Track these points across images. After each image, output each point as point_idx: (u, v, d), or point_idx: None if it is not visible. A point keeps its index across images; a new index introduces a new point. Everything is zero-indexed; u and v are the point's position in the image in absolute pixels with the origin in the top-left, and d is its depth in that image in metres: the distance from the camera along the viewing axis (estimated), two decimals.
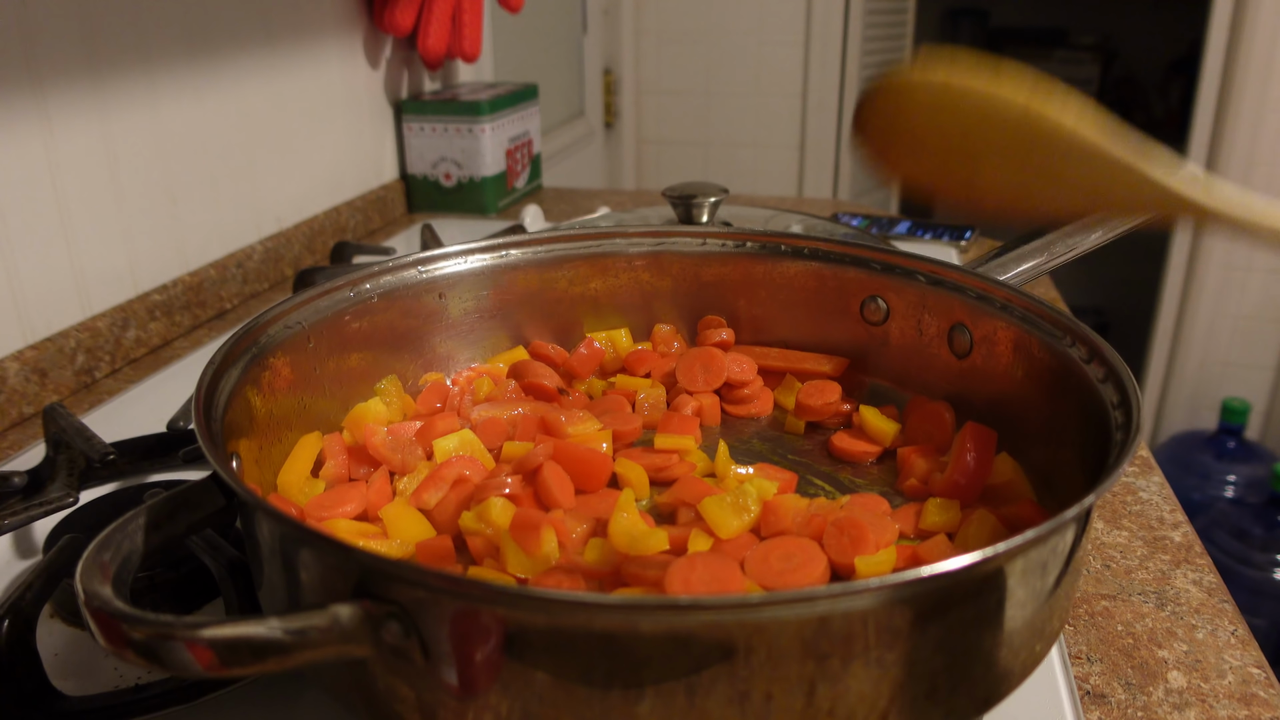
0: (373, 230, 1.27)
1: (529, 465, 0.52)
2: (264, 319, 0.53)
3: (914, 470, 0.56)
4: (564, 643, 0.33)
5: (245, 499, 0.38)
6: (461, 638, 0.33)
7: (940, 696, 0.36)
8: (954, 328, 0.59)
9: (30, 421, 0.76)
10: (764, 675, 0.33)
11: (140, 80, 0.88)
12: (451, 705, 0.35)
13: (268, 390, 0.52)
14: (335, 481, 0.55)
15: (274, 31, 1.06)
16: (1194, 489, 2.03)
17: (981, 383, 0.58)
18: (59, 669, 0.48)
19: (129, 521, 0.38)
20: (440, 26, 1.27)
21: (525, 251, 0.67)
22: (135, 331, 0.88)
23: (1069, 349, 0.51)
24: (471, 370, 0.66)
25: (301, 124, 1.12)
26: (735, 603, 0.33)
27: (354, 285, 0.59)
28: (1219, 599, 0.54)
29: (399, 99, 1.33)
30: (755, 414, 0.65)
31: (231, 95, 1.00)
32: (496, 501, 0.48)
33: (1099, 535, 0.60)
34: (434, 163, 1.32)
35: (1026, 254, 0.62)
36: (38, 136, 0.78)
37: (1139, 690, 0.47)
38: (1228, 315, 2.11)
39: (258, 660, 0.32)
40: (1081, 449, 0.48)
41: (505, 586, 0.32)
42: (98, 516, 0.58)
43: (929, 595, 0.34)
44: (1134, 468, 0.68)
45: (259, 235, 1.07)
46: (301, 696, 0.46)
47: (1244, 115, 1.94)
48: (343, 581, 0.35)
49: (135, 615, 0.32)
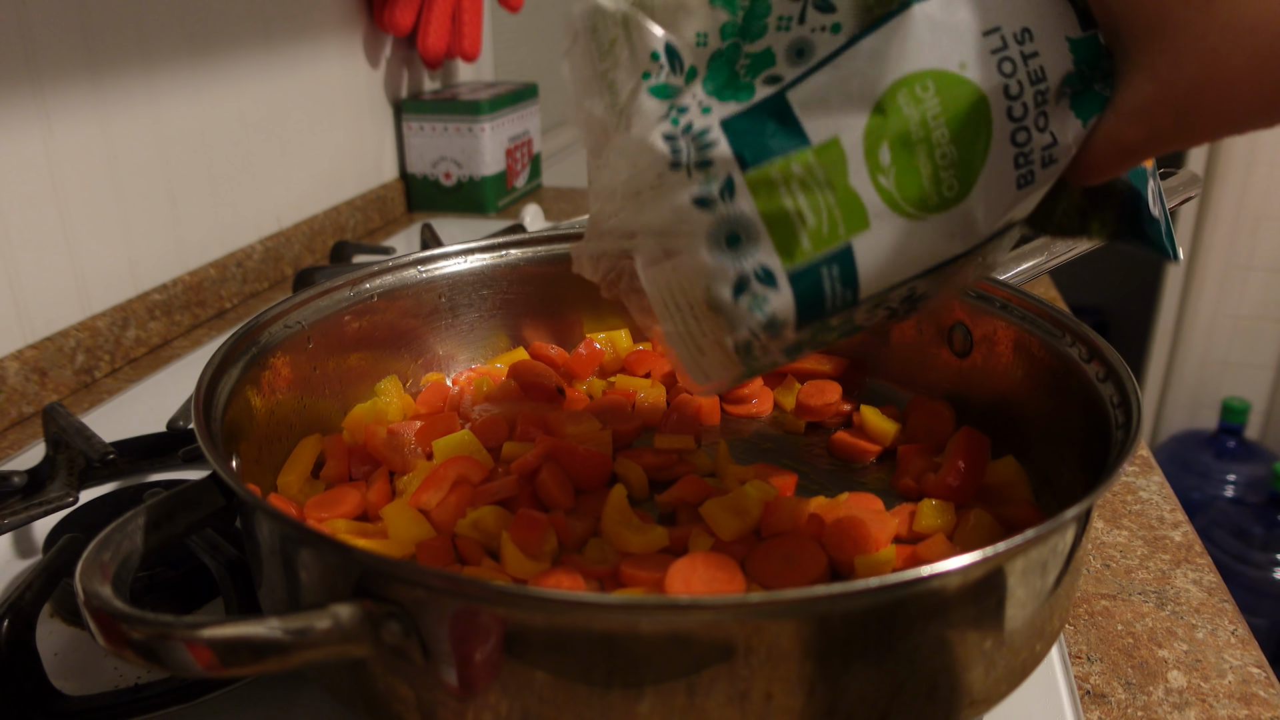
0: (373, 230, 1.27)
1: (529, 466, 0.52)
2: (264, 319, 0.53)
3: (911, 470, 0.56)
4: (564, 643, 0.33)
5: (245, 499, 0.38)
6: (461, 638, 0.33)
7: (940, 696, 0.36)
8: (954, 327, 0.59)
9: (30, 421, 0.76)
10: (764, 675, 0.33)
11: (140, 80, 0.88)
12: (451, 705, 0.35)
13: (268, 390, 0.52)
14: (335, 482, 0.55)
15: (274, 31, 1.06)
16: (1194, 489, 2.03)
17: (981, 382, 0.58)
18: (59, 669, 0.48)
19: (129, 521, 0.38)
20: (440, 26, 1.27)
21: (525, 251, 0.67)
22: (135, 331, 0.88)
23: (1069, 349, 0.51)
24: (471, 370, 0.66)
25: (301, 123, 1.12)
26: (735, 603, 0.33)
27: (354, 285, 0.59)
28: (1219, 598, 0.54)
29: (399, 98, 1.33)
30: (755, 414, 0.65)
31: (231, 95, 1.00)
32: (489, 510, 0.48)
33: (1099, 535, 0.60)
34: (434, 162, 1.32)
35: (1026, 254, 0.62)
36: (38, 136, 0.78)
37: (1139, 690, 0.47)
38: (1228, 315, 2.11)
39: (258, 660, 0.32)
40: (1081, 449, 0.48)
41: (505, 586, 0.32)
42: (98, 516, 0.58)
43: (929, 595, 0.34)
44: (1134, 467, 0.68)
45: (259, 235, 1.07)
46: (301, 696, 0.46)
47: None
48: (343, 581, 0.35)
49: (135, 615, 0.32)
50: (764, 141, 0.39)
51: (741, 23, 0.40)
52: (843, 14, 0.39)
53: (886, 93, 0.38)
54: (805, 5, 0.39)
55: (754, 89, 0.39)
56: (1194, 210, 2.04)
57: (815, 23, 0.39)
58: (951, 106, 0.37)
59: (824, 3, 0.39)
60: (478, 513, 0.48)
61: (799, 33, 0.39)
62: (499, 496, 0.50)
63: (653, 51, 0.40)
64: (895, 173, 0.38)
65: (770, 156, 0.39)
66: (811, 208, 0.39)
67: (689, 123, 0.40)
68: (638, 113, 0.40)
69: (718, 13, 0.40)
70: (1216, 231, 2.03)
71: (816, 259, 0.39)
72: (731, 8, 0.40)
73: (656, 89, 0.40)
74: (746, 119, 0.39)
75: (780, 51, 0.39)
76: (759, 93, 0.39)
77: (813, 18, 0.39)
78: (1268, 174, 1.97)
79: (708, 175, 0.39)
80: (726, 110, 0.40)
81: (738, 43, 0.40)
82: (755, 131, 0.39)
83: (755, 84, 0.39)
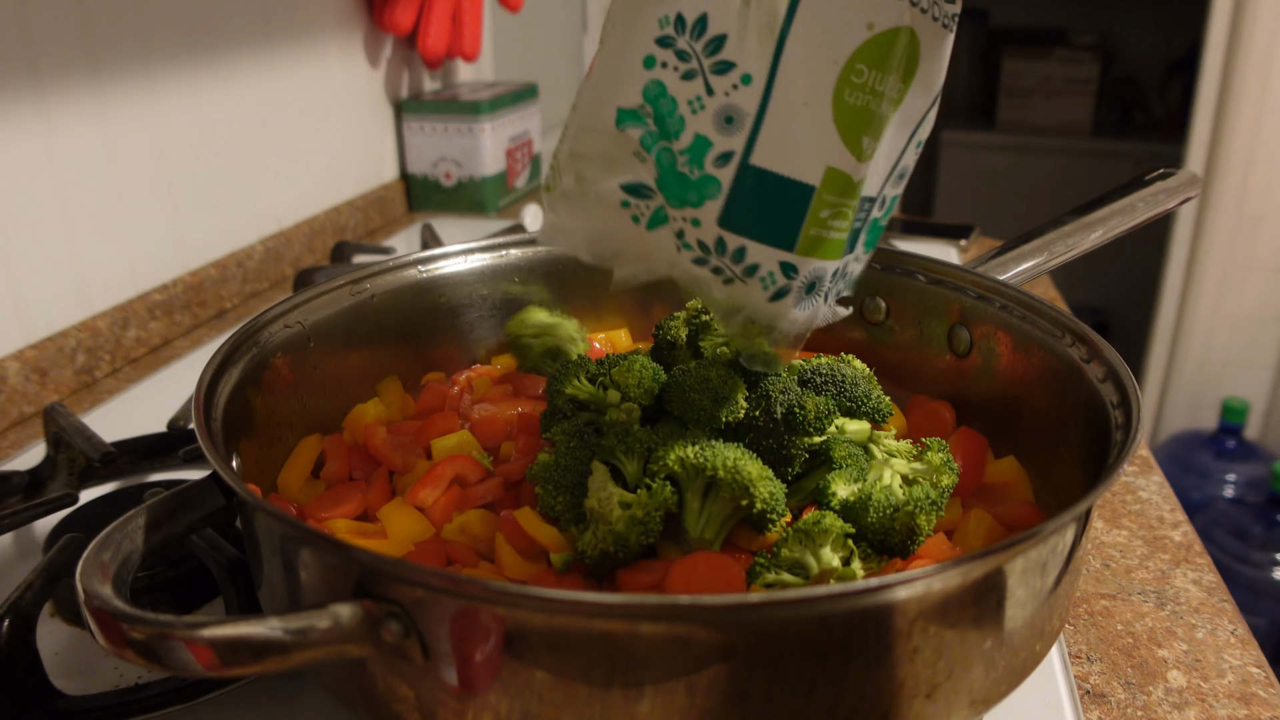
0: (373, 230, 1.27)
1: (514, 472, 0.52)
2: (264, 319, 0.53)
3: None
4: (564, 643, 0.33)
5: (245, 499, 0.38)
6: (461, 637, 0.33)
7: (940, 696, 0.36)
8: (954, 328, 0.59)
9: (30, 421, 0.76)
10: (764, 675, 0.33)
11: (140, 79, 0.88)
12: (451, 705, 0.35)
13: (268, 390, 0.52)
14: (335, 481, 0.54)
15: (274, 31, 1.06)
16: (1194, 488, 2.03)
17: (981, 383, 0.58)
18: (59, 668, 0.48)
19: (129, 521, 0.38)
20: (440, 26, 1.27)
21: (525, 251, 0.67)
22: (135, 331, 0.88)
23: (1069, 349, 0.51)
24: (471, 370, 0.66)
25: (302, 123, 1.12)
26: (735, 603, 0.33)
27: (354, 285, 0.59)
28: (1219, 598, 0.54)
29: (399, 98, 1.33)
30: None
31: (231, 95, 1.00)
32: (475, 514, 0.48)
33: (1099, 535, 0.60)
34: (434, 162, 1.32)
35: (1026, 254, 0.62)
36: (38, 136, 0.78)
37: (1139, 689, 0.47)
38: (1227, 315, 2.11)
39: (258, 660, 0.32)
40: (1081, 449, 0.48)
41: (505, 586, 0.32)
42: (98, 516, 0.58)
43: (929, 595, 0.34)
44: (1134, 467, 0.68)
45: (259, 234, 1.07)
46: (301, 696, 0.46)
47: (1244, 115, 1.94)
48: (343, 581, 0.35)
49: (135, 615, 0.32)
50: (777, 210, 0.40)
51: (656, 128, 0.40)
52: (744, 62, 0.39)
53: (835, 91, 0.38)
54: (703, 77, 0.39)
55: (713, 177, 0.40)
56: (1194, 210, 2.04)
57: (724, 86, 0.39)
58: (885, 59, 0.39)
59: (720, 65, 0.39)
60: (464, 517, 0.48)
61: (716, 104, 0.39)
62: (486, 500, 0.50)
63: (623, 200, 0.41)
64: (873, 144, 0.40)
65: (801, 222, 0.40)
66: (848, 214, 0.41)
67: (699, 239, 0.41)
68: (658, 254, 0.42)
69: (627, 134, 0.40)
70: (1216, 231, 2.03)
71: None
72: (639, 122, 0.40)
73: (655, 218, 0.41)
74: (739, 206, 0.40)
75: (710, 130, 0.39)
76: (721, 175, 0.40)
77: (718, 84, 0.39)
78: (1267, 174, 1.97)
79: (764, 279, 0.40)
80: (711, 211, 0.40)
81: (666, 146, 0.40)
82: (758, 208, 0.40)
83: (707, 170, 0.40)
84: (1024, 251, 0.62)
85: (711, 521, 0.43)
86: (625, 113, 0.40)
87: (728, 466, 0.42)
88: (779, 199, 0.39)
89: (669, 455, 0.43)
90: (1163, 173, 0.64)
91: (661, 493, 0.42)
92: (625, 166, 0.41)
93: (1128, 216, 0.62)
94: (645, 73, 0.39)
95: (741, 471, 0.42)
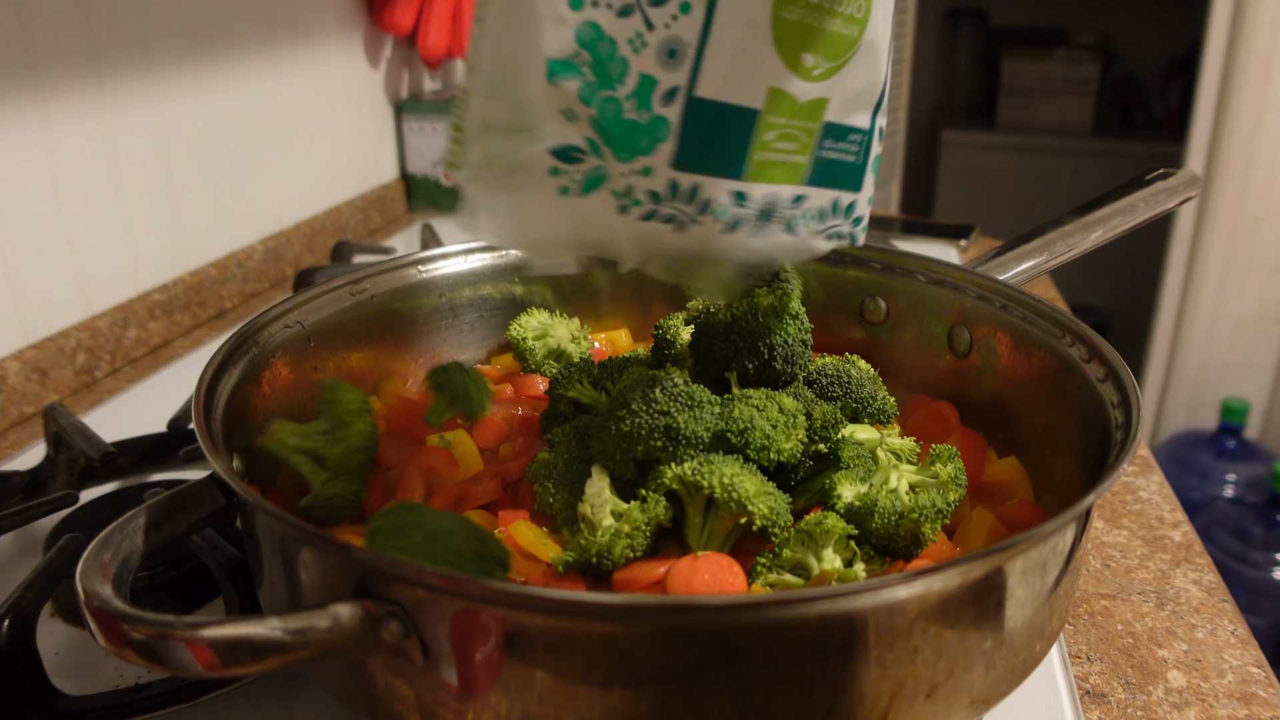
0: (373, 230, 1.27)
1: (512, 472, 0.52)
2: (264, 319, 0.53)
3: None
4: (564, 643, 0.33)
5: (245, 499, 0.38)
6: (461, 638, 0.33)
7: (940, 696, 0.36)
8: (954, 328, 0.59)
9: (30, 421, 0.76)
10: (764, 675, 0.33)
11: (140, 79, 0.88)
12: (451, 705, 0.35)
13: (268, 390, 0.52)
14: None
15: (274, 31, 1.06)
16: (1194, 488, 2.03)
17: (981, 382, 0.58)
18: (59, 668, 0.48)
19: (129, 521, 0.38)
20: (440, 26, 1.27)
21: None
22: (136, 331, 0.88)
23: (1069, 349, 0.51)
24: None
25: (302, 123, 1.12)
26: (735, 603, 0.33)
27: (354, 285, 0.59)
28: (1219, 598, 0.54)
29: (399, 98, 1.33)
30: None
31: (232, 94, 1.00)
32: (473, 514, 0.48)
33: (1099, 535, 0.60)
34: (434, 162, 1.32)
35: (1026, 254, 0.62)
36: (38, 136, 0.78)
37: (1139, 689, 0.47)
38: (1227, 315, 2.11)
39: (258, 660, 0.32)
40: (1081, 448, 0.48)
41: (505, 586, 0.32)
42: (98, 516, 0.58)
43: (929, 595, 0.34)
44: (1134, 467, 0.68)
45: (259, 235, 1.07)
46: (301, 696, 0.46)
47: (1244, 115, 1.94)
48: (343, 581, 0.35)
49: (135, 615, 0.32)
50: (725, 140, 0.39)
51: (595, 76, 0.36)
52: None
53: (773, 8, 0.37)
54: (641, 10, 0.36)
55: (662, 118, 0.37)
56: (1194, 210, 2.04)
57: (663, 18, 0.36)
58: None
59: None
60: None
61: (658, 37, 0.36)
62: (482, 501, 0.50)
63: (550, 167, 0.38)
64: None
65: (747, 148, 0.38)
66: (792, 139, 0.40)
67: (649, 189, 0.38)
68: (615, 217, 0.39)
69: (561, 88, 0.36)
70: (1216, 231, 2.03)
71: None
72: (575, 72, 0.36)
73: (589, 183, 0.38)
74: (691, 143, 0.38)
75: (654, 67, 0.37)
76: (669, 114, 0.37)
77: (656, 15, 0.36)
78: (1267, 174, 1.97)
79: (716, 213, 0.39)
80: (663, 154, 0.38)
81: (610, 95, 0.37)
82: (707, 141, 0.38)
83: (656, 111, 0.37)
84: (1024, 251, 0.62)
85: (714, 537, 0.43)
86: (558, 64, 0.36)
87: (724, 484, 0.41)
88: (725, 128, 0.37)
89: (667, 472, 0.43)
90: (1163, 173, 0.64)
91: (654, 509, 0.42)
92: (551, 130, 0.37)
93: (1128, 216, 0.62)
94: (573, 14, 0.35)
95: (738, 489, 0.41)
